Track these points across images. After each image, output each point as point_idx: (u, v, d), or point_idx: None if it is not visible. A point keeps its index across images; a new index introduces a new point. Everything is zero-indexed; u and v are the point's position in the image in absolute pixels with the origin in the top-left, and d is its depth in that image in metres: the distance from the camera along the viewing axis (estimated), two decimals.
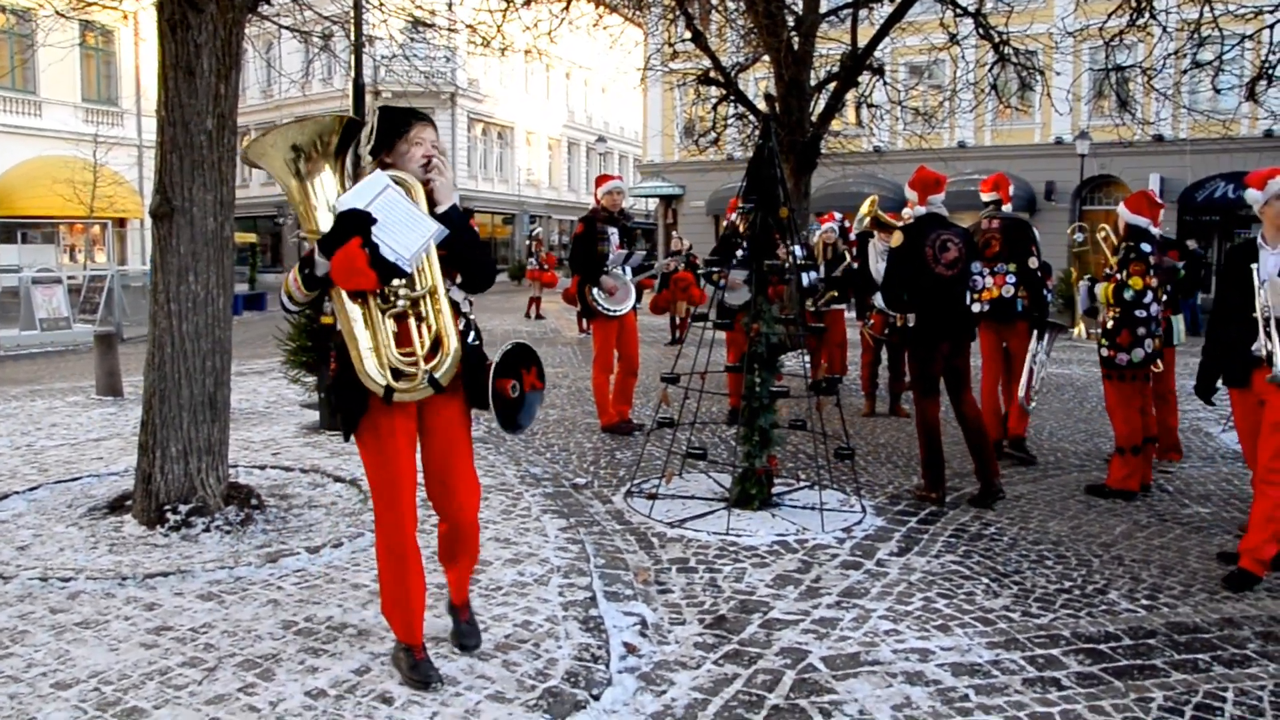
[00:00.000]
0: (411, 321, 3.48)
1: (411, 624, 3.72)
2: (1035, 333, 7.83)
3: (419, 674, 3.65)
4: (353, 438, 3.68)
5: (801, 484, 6.84)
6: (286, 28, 8.36)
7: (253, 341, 14.26)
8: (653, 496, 6.33)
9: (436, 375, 3.48)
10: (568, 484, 6.75)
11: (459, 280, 3.66)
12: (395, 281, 3.41)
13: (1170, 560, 5.42)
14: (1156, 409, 7.51)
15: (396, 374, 3.44)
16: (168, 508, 5.48)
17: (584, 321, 18.46)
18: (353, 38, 8.71)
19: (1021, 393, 7.76)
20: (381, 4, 8.69)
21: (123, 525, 5.51)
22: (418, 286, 3.48)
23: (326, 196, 3.52)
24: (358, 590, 4.60)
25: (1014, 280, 7.64)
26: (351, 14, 9.13)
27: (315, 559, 4.99)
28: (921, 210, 6.67)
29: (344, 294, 3.41)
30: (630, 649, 4.06)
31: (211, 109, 5.56)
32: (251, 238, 32.74)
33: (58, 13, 8.13)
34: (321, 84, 38.34)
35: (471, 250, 3.63)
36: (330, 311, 3.71)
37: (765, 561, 5.23)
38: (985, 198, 8.05)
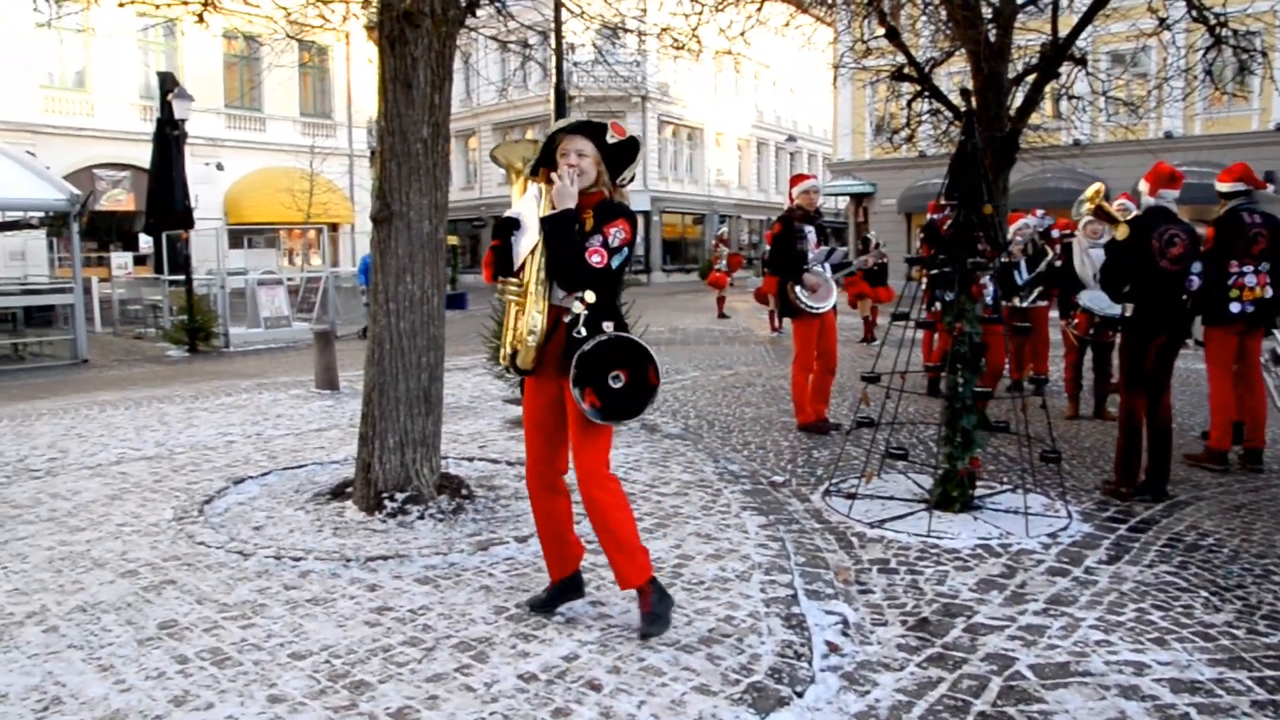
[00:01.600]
0: (514, 311, 4.08)
1: (547, 559, 4.38)
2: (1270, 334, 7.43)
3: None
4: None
5: (1004, 487, 6.66)
6: (492, 38, 8.68)
7: (454, 339, 14.75)
8: (851, 496, 6.30)
9: (516, 360, 4.09)
10: (765, 481, 6.79)
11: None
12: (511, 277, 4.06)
13: None
14: None
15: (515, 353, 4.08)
16: (385, 495, 5.80)
17: (777, 319, 18.44)
18: (553, 45, 8.98)
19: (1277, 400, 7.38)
20: (583, 12, 8.94)
21: (344, 511, 5.88)
22: (520, 283, 4.05)
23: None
24: None
25: (1271, 280, 7.24)
26: (550, 22, 9.42)
27: (524, 548, 5.19)
28: (1150, 202, 6.45)
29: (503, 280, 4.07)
30: (833, 648, 4.07)
31: (427, 118, 5.86)
32: (452, 240, 34.05)
33: (288, 35, 8.69)
34: (517, 91, 39.48)
35: (553, 254, 3.99)
36: None
37: (968, 565, 5.13)
38: (1225, 188, 7.51)
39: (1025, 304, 9.81)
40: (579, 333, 3.97)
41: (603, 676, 3.73)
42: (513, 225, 4.08)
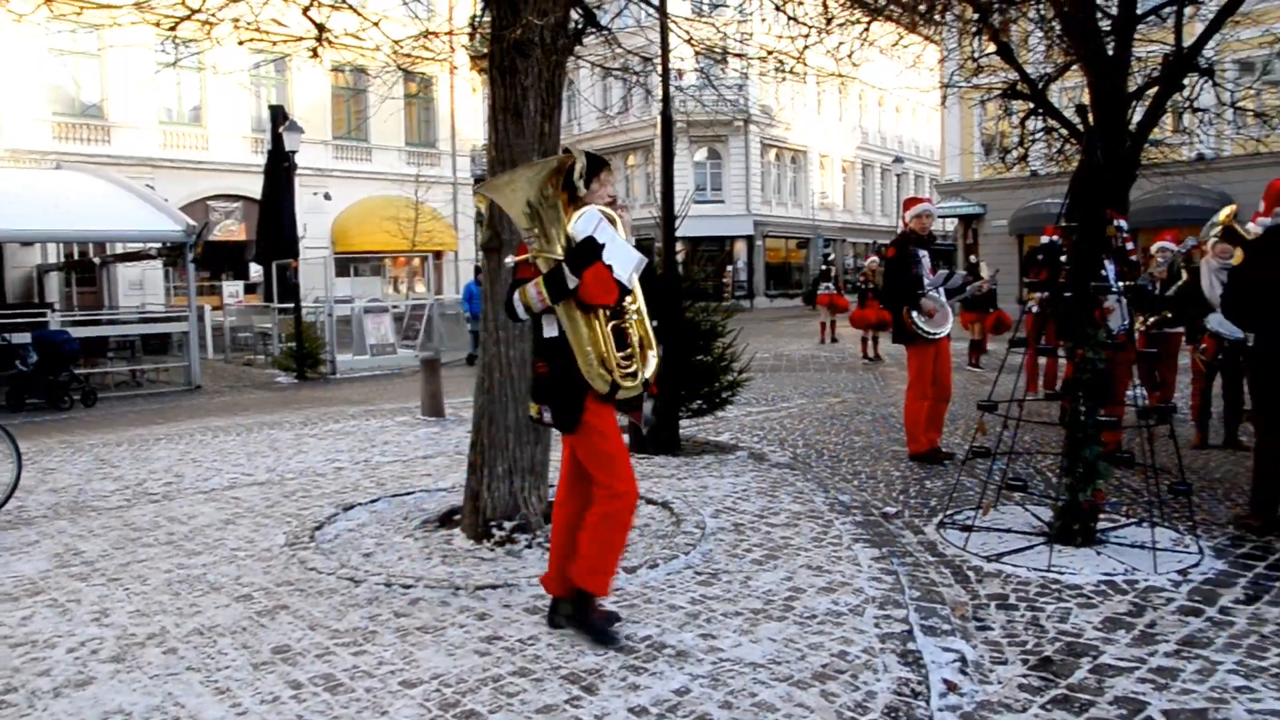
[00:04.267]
0: (630, 331, 4.25)
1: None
2: None
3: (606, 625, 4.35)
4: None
5: (1129, 520, 6.39)
6: (601, 66, 8.73)
7: None
8: (967, 528, 6.10)
9: (645, 375, 4.28)
10: (877, 513, 6.63)
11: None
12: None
13: None
14: None
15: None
16: (493, 524, 5.83)
17: (869, 346, 18.12)
18: (659, 70, 8.98)
19: None
20: (690, 38, 8.93)
21: (453, 538, 5.92)
22: (631, 302, 4.27)
23: (562, 224, 4.15)
24: (674, 611, 4.70)
25: None
26: (655, 46, 9.45)
27: (632, 579, 5.15)
28: (1268, 222, 6.16)
29: (575, 307, 4.09)
30: (951, 686, 3.93)
31: (537, 147, 5.90)
32: None
33: (399, 67, 8.87)
34: (619, 117, 39.84)
35: (650, 278, 4.27)
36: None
37: (1092, 602, 4.92)
38: None
39: (1149, 330, 9.45)
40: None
41: (714, 712, 3.66)
42: (601, 247, 4.08)
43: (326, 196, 31.47)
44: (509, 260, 4.46)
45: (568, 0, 5.99)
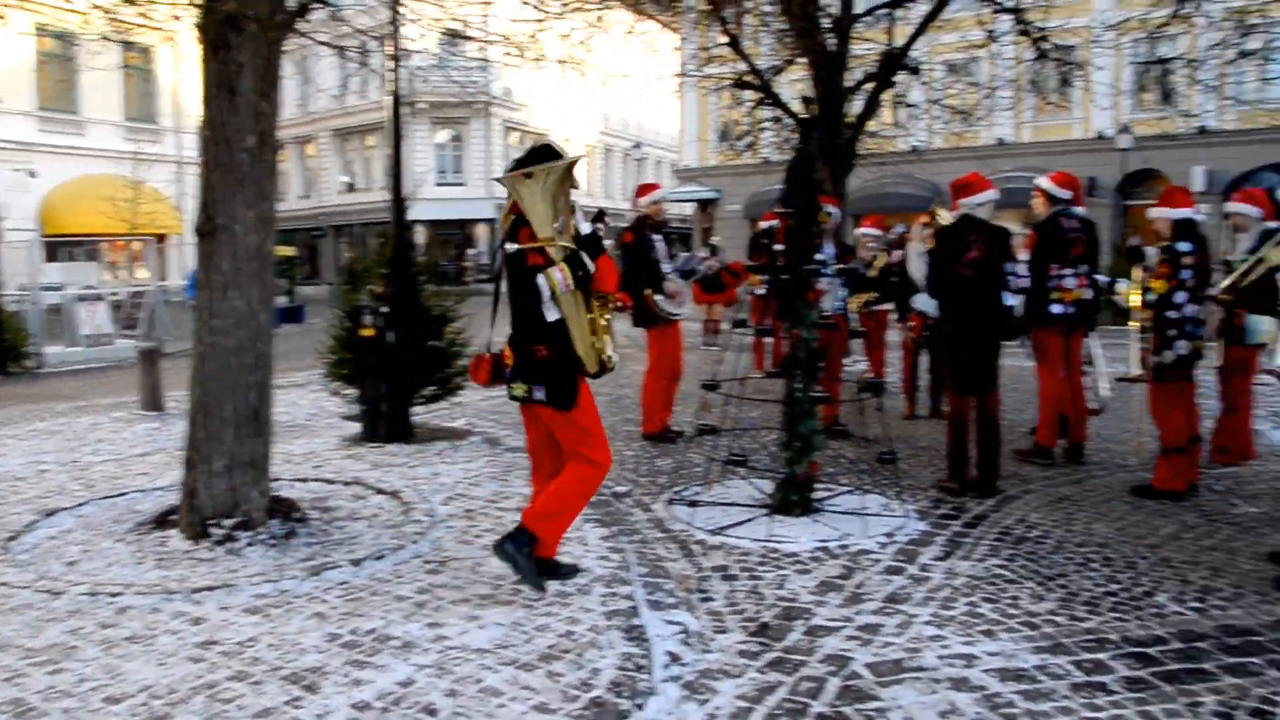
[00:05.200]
0: (602, 319, 4.62)
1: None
2: (1089, 335, 7.79)
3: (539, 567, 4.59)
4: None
5: (843, 489, 6.80)
6: (323, 44, 8.42)
7: (291, 354, 14.38)
8: (694, 504, 6.31)
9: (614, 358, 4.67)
10: (608, 493, 6.74)
11: None
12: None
13: (1220, 561, 5.33)
14: (1224, 414, 7.40)
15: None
16: (212, 522, 5.54)
17: None
18: (389, 51, 8.76)
19: (1105, 389, 7.75)
20: (420, 18, 8.76)
21: (168, 540, 5.58)
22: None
23: (571, 216, 4.51)
24: (401, 602, 4.63)
25: (1090, 281, 7.57)
26: (386, 27, 9.21)
27: (359, 571, 5.03)
28: (947, 216, 6.73)
29: (579, 293, 4.45)
30: (674, 658, 4.06)
31: (253, 127, 5.63)
32: (290, 250, 33.08)
33: (103, 37, 8.24)
34: (357, 97, 38.71)
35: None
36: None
37: (807, 568, 5.20)
38: (1056, 192, 7.74)
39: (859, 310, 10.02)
40: None
41: (440, 701, 3.64)
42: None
43: (31, 174, 28.93)
44: (510, 247, 4.46)
45: None
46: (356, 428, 8.72)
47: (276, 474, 6.45)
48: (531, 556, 4.53)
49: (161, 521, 5.88)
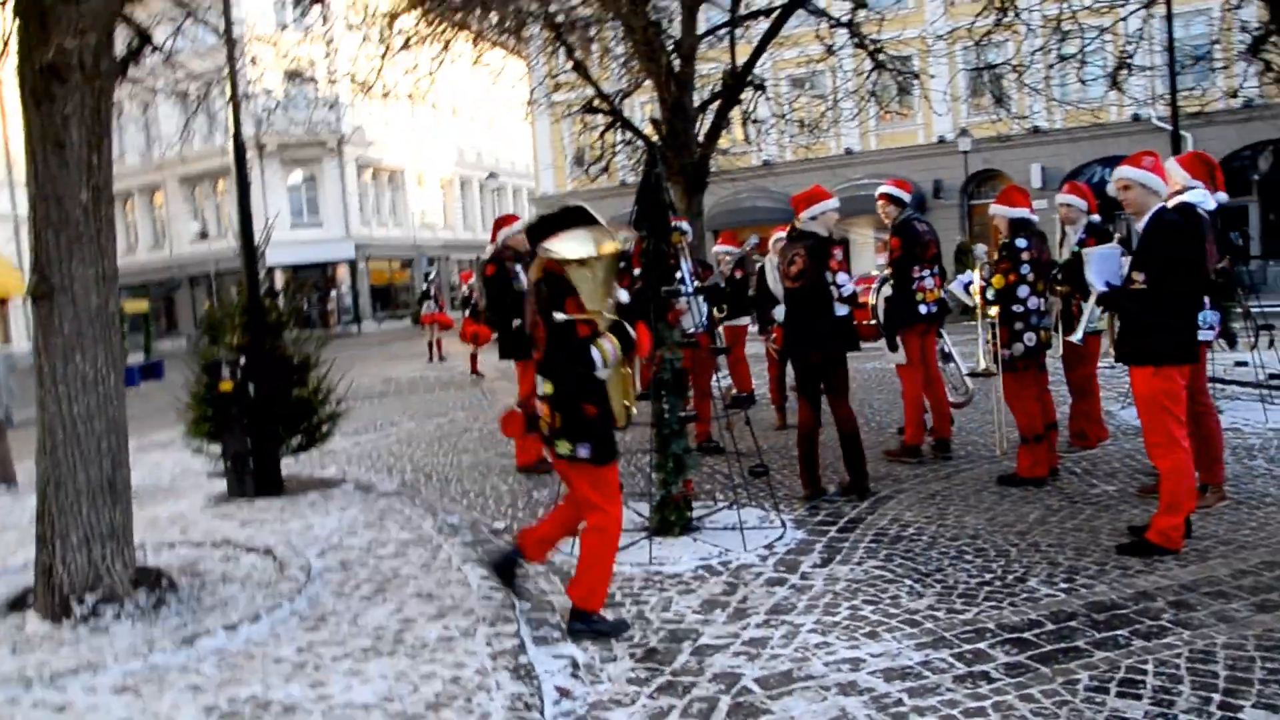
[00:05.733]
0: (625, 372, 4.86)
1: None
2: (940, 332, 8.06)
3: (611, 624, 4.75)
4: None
5: (720, 505, 6.85)
6: (156, 90, 8.16)
7: (152, 414, 13.79)
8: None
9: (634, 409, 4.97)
10: (487, 529, 6.66)
11: None
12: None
13: (1084, 541, 5.56)
14: (1075, 401, 7.74)
15: None
16: (73, 599, 5.25)
17: (477, 362, 18.14)
18: (229, 95, 8.53)
19: (969, 382, 7.99)
20: (254, 59, 8.57)
21: (25, 624, 5.26)
22: None
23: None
24: (280, 664, 4.45)
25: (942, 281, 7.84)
26: (223, 71, 8.98)
27: (234, 637, 4.81)
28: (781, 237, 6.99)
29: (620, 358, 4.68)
30: (563, 693, 4.02)
31: (85, 180, 5.38)
32: (143, 305, 31.88)
33: None
34: (204, 141, 37.66)
35: None
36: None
37: (691, 587, 5.22)
38: (900, 195, 8.03)
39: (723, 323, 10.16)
40: None
41: None
42: None
43: None
44: (560, 317, 4.55)
45: (110, 19, 5.50)
46: (223, 485, 8.40)
47: (141, 541, 6.16)
48: (597, 622, 4.71)
49: (17, 604, 5.55)
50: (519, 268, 8.55)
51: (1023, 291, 6.80)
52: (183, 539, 6.90)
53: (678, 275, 6.60)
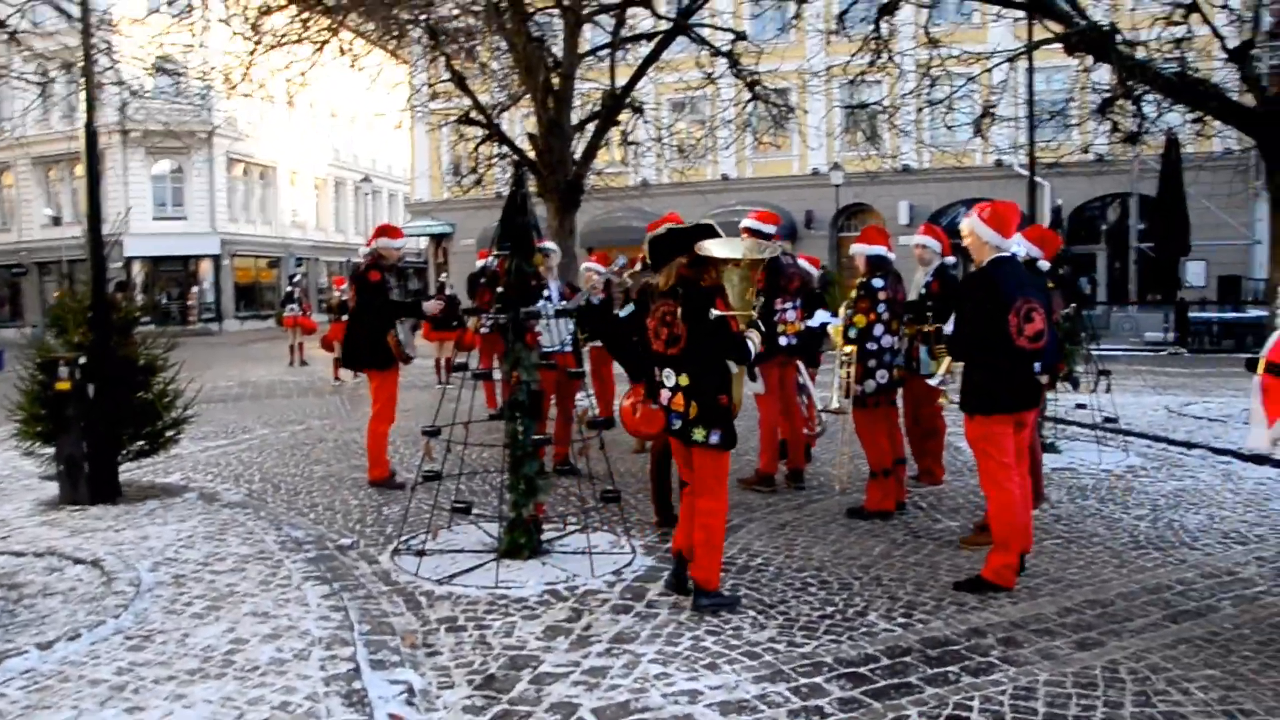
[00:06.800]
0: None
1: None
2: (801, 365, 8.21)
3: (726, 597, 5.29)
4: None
5: (572, 528, 6.80)
6: (7, 68, 7.77)
7: None
8: (421, 553, 6.13)
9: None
10: (332, 546, 6.47)
11: None
12: None
13: (923, 576, 5.70)
14: (928, 440, 7.95)
15: None
16: None
17: (340, 370, 17.56)
18: (83, 77, 8.15)
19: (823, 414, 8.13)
20: (109, 45, 8.23)
21: None
22: None
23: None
24: (96, 687, 4.22)
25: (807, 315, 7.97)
26: (77, 52, 8.59)
27: (47, 656, 4.53)
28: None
29: None
30: None
31: None
32: None
33: None
34: (65, 121, 36.11)
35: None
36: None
37: (536, 613, 5.17)
38: (769, 229, 8.07)
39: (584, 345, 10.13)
40: None
41: None
42: None
43: None
44: (714, 313, 4.97)
45: None
46: (55, 489, 7.98)
47: None
48: (717, 597, 5.21)
49: None
50: (390, 275, 8.49)
51: (878, 330, 6.99)
52: (2, 548, 6.51)
53: (545, 294, 6.57)
